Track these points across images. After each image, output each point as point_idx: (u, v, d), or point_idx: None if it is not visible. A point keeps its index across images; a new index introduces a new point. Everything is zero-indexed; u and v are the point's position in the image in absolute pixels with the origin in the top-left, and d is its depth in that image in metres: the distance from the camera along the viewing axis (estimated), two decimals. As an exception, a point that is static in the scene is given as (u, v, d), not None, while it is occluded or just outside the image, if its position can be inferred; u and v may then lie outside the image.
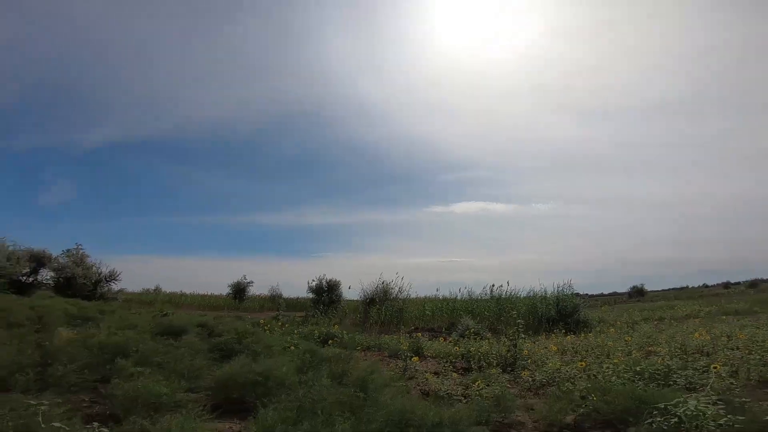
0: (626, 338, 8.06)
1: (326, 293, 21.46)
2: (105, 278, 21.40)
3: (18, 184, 46.96)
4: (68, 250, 20.60)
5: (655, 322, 12.81)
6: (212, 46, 53.07)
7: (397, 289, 17.63)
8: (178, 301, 31.49)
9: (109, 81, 49.59)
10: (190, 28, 50.69)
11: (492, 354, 6.98)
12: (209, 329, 9.38)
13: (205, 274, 56.07)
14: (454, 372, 6.16)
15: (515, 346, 6.78)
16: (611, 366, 5.20)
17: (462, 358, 7.30)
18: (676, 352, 6.16)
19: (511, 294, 17.01)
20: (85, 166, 50.26)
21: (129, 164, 52.74)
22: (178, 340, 6.58)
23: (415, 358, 6.48)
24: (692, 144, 58.47)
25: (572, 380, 5.03)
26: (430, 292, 19.91)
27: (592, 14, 57.27)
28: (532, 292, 16.80)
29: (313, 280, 21.56)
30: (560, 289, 15.97)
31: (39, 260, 19.62)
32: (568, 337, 9.84)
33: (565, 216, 61.72)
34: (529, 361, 6.43)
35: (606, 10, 55.86)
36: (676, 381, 4.57)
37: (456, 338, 10.33)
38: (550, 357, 6.58)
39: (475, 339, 9.11)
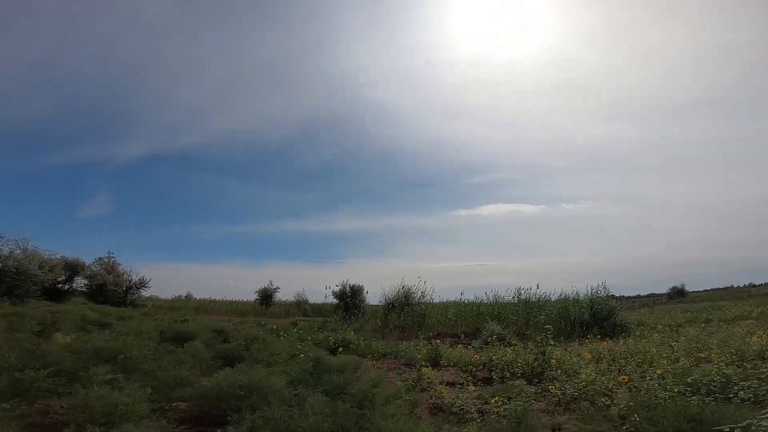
0: (672, 343, 7.18)
1: (350, 298, 21.22)
2: (135, 285, 21.94)
3: (58, 198, 49.56)
4: (100, 259, 21.32)
5: (702, 325, 11.63)
6: (236, 59, 54.39)
7: (419, 293, 17.00)
8: (207, 307, 31.88)
9: (140, 97, 51.71)
10: (215, 43, 52.28)
11: (517, 363, 6.32)
12: (224, 335, 9.21)
13: (235, 281, 57.13)
14: (473, 383, 5.57)
15: (543, 353, 6.10)
16: (656, 376, 4.48)
17: (483, 368, 6.66)
18: (733, 358, 5.34)
19: (540, 297, 16.05)
20: (121, 180, 52.46)
21: (162, 177, 54.69)
22: (181, 346, 6.32)
23: (426, 369, 5.92)
24: (727, 142, 54.19)
25: (609, 394, 4.36)
26: (456, 297, 19.12)
27: (614, 14, 54.62)
28: (563, 295, 15.78)
29: (337, 285, 21.45)
30: (594, 291, 14.86)
31: (73, 268, 20.33)
32: (605, 342, 8.96)
33: (597, 216, 58.63)
34: (558, 371, 5.71)
35: (629, 9, 53.13)
36: (737, 394, 3.85)
37: (480, 345, 9.64)
38: (583, 366, 5.82)
39: (500, 345, 8.42)
